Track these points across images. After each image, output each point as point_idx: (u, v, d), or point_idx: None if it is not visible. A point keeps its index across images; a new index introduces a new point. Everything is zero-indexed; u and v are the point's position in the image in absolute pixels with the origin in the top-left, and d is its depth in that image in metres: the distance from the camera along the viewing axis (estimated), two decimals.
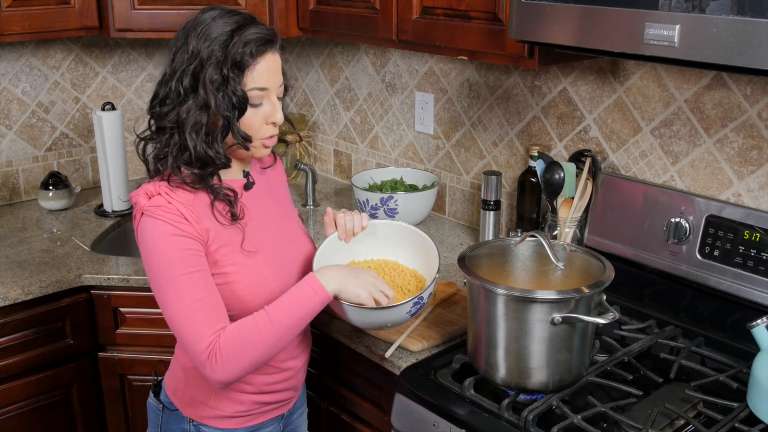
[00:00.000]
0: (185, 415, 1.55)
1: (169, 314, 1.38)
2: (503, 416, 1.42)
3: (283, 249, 1.56)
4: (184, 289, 1.36)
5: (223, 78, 1.37)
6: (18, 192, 2.65)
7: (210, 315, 1.37)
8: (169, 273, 1.37)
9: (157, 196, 1.39)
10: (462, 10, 1.82)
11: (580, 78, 2.02)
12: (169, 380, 1.60)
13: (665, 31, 1.31)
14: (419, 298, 1.48)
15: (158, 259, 1.37)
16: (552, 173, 1.93)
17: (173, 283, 1.37)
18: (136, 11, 2.29)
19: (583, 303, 1.39)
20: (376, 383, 1.74)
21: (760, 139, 1.70)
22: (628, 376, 1.55)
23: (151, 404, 1.63)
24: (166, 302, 1.38)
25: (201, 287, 1.38)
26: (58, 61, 2.64)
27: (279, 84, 1.45)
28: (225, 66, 1.37)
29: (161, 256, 1.37)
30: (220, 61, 1.37)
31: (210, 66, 1.37)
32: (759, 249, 1.62)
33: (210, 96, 1.37)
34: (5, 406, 2.05)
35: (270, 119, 1.44)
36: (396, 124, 2.60)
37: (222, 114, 1.38)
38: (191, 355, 1.38)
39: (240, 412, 1.55)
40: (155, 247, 1.38)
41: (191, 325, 1.36)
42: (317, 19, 2.26)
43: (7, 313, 1.99)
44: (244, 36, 1.38)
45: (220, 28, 1.39)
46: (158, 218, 1.37)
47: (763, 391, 1.36)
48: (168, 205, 1.38)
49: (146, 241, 1.39)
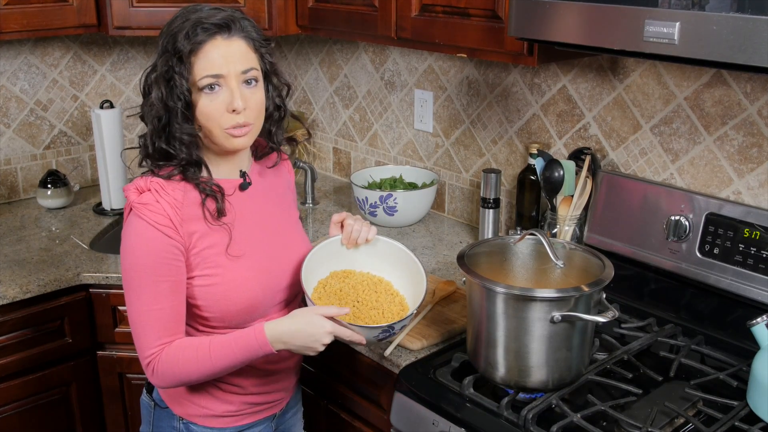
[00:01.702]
0: (175, 413, 1.55)
1: (128, 313, 1.43)
2: (503, 415, 1.42)
3: (273, 254, 1.53)
4: (147, 297, 1.39)
5: (168, 70, 1.38)
6: (16, 190, 2.65)
7: (161, 327, 1.41)
8: (138, 277, 1.39)
9: (147, 193, 1.40)
10: (461, 7, 1.81)
11: (580, 75, 2.01)
12: None
13: (665, 29, 1.31)
14: (390, 327, 1.45)
15: (132, 260, 1.39)
16: (551, 171, 1.93)
17: (139, 287, 1.39)
18: (135, 9, 2.28)
19: (582, 301, 1.39)
20: (375, 382, 1.74)
21: (760, 137, 1.70)
22: (628, 375, 1.55)
23: (144, 401, 1.64)
24: (129, 302, 1.42)
25: (163, 297, 1.40)
26: (57, 59, 2.64)
27: (240, 70, 1.40)
28: (171, 59, 1.38)
29: (135, 258, 1.39)
30: (169, 53, 1.38)
31: (162, 58, 1.40)
32: (759, 247, 1.62)
33: (160, 89, 1.39)
34: (4, 405, 2.05)
35: (230, 107, 1.39)
36: (395, 122, 2.59)
37: (167, 104, 1.39)
38: (139, 356, 1.43)
39: (229, 411, 1.55)
40: (133, 247, 1.39)
41: (143, 332, 1.41)
42: (316, 17, 2.25)
43: (5, 312, 1.99)
44: (189, 25, 1.38)
45: (178, 22, 1.40)
46: (143, 218, 1.38)
47: (762, 390, 1.36)
48: (155, 204, 1.39)
49: (127, 238, 1.40)
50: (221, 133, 1.42)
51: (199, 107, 1.40)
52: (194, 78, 1.38)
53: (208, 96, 1.39)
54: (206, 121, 1.41)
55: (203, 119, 1.41)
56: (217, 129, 1.41)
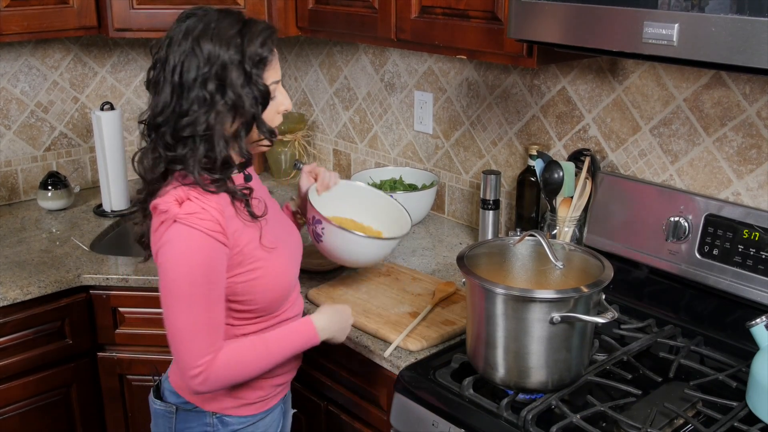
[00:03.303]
0: (206, 410, 1.56)
1: (173, 324, 1.40)
2: (502, 416, 1.42)
3: (290, 241, 1.62)
4: (199, 308, 1.38)
5: (246, 76, 1.39)
6: (17, 192, 2.65)
7: (211, 336, 1.41)
8: (190, 287, 1.37)
9: (188, 202, 1.38)
10: (461, 9, 1.81)
11: (579, 77, 2.01)
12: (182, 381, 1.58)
13: (664, 30, 1.31)
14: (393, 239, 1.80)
15: (184, 271, 1.37)
16: (551, 172, 1.93)
17: (190, 296, 1.38)
18: (135, 11, 2.29)
19: (582, 302, 1.39)
20: (375, 383, 1.74)
21: (759, 138, 1.70)
22: (628, 376, 1.55)
23: (158, 409, 1.61)
24: (176, 313, 1.39)
25: (213, 306, 1.40)
26: (57, 61, 2.64)
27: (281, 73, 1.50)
28: (247, 64, 1.39)
29: (189, 268, 1.37)
30: (241, 61, 1.39)
31: (233, 66, 1.38)
32: (758, 248, 1.62)
33: (239, 95, 1.39)
34: (5, 406, 2.05)
35: (281, 108, 1.49)
36: (395, 124, 2.59)
37: (249, 111, 1.41)
38: (181, 368, 1.42)
39: (261, 397, 1.59)
40: (185, 257, 1.37)
41: (192, 342, 1.40)
42: (316, 19, 2.25)
43: (6, 314, 1.99)
44: (254, 33, 1.41)
45: (227, 29, 1.40)
46: (194, 227, 1.36)
47: (762, 390, 1.36)
48: (203, 212, 1.37)
49: (175, 250, 1.37)
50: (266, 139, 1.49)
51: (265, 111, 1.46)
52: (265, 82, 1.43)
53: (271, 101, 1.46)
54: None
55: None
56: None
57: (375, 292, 1.90)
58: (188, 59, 1.38)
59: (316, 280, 1.98)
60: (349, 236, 1.73)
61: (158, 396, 1.62)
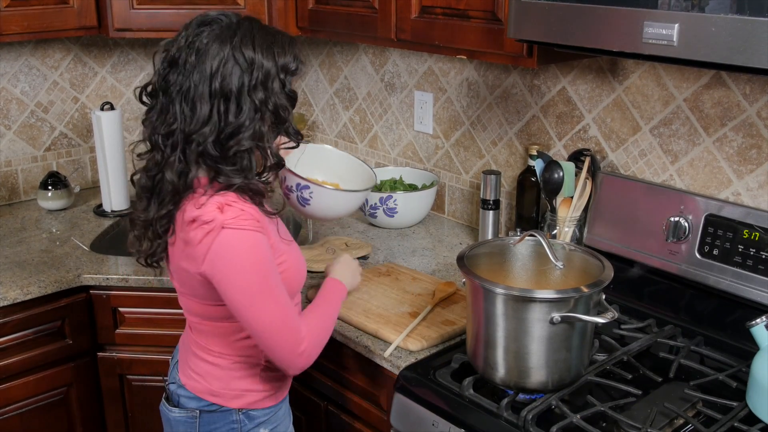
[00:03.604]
0: (232, 408, 1.58)
1: (264, 319, 1.42)
2: (502, 416, 1.42)
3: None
4: (280, 296, 1.43)
5: (282, 84, 1.43)
6: (17, 192, 2.65)
7: (297, 315, 1.50)
8: (266, 281, 1.41)
9: (228, 207, 1.38)
10: (461, 9, 1.81)
11: (579, 77, 2.01)
12: (203, 385, 1.58)
13: (664, 30, 1.31)
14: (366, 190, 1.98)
15: (253, 270, 1.39)
16: (551, 172, 1.93)
17: (271, 289, 1.42)
18: (135, 11, 2.29)
19: (582, 302, 1.39)
20: (375, 383, 1.74)
21: (760, 138, 1.70)
22: (628, 376, 1.55)
23: (177, 417, 1.60)
24: (263, 309, 1.41)
25: (284, 290, 1.46)
26: (57, 61, 2.64)
27: None
28: (282, 73, 1.42)
29: (256, 266, 1.40)
30: (278, 70, 1.42)
31: (274, 75, 1.41)
32: (758, 248, 1.62)
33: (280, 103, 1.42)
34: (5, 406, 2.05)
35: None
36: (395, 124, 2.59)
37: (287, 117, 1.45)
38: (283, 355, 1.46)
39: (280, 386, 1.64)
40: (249, 258, 1.39)
41: (289, 326, 1.45)
42: (316, 19, 2.25)
43: (6, 314, 1.99)
44: (283, 43, 1.44)
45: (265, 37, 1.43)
46: (244, 229, 1.38)
47: (762, 390, 1.36)
48: (244, 213, 1.39)
49: (236, 255, 1.38)
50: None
51: None
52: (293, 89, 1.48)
53: None
54: None
55: None
56: None
57: (375, 292, 1.90)
58: (226, 67, 1.37)
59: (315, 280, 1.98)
60: (340, 194, 1.91)
61: (176, 404, 1.61)
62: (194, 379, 1.60)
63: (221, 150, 1.39)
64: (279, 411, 1.65)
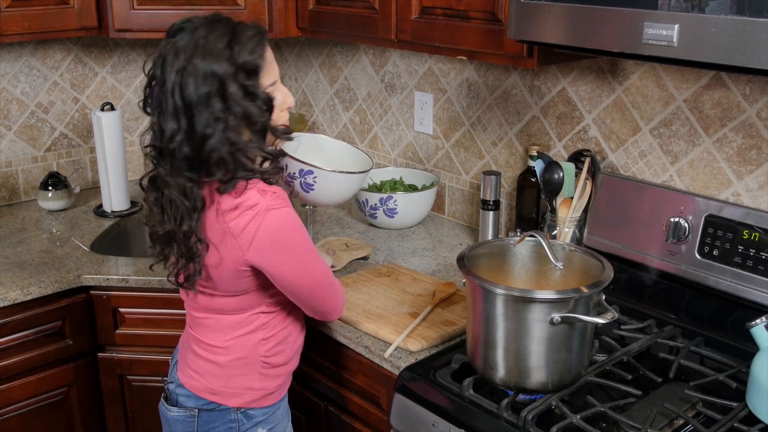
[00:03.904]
0: (231, 406, 1.59)
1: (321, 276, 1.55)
2: (502, 416, 1.42)
3: None
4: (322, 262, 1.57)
5: (243, 88, 1.40)
6: (17, 192, 2.65)
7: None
8: (312, 248, 1.53)
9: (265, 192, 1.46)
10: (461, 9, 1.82)
11: (579, 78, 2.02)
12: (202, 383, 1.59)
13: (664, 31, 1.31)
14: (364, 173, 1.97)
15: (301, 239, 1.50)
16: (551, 173, 1.93)
17: (314, 250, 1.54)
18: (135, 11, 2.29)
19: (582, 303, 1.39)
20: (375, 383, 1.74)
21: (759, 139, 1.70)
22: (628, 376, 1.55)
23: (176, 416, 1.62)
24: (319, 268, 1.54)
25: None
26: (58, 62, 2.64)
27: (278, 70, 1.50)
28: (240, 77, 1.39)
29: (302, 234, 1.50)
30: (235, 74, 1.38)
31: (230, 81, 1.38)
32: (758, 248, 1.62)
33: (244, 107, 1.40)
34: (5, 407, 2.05)
35: (284, 106, 1.51)
36: (395, 124, 2.60)
37: (260, 120, 1.43)
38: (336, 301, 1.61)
39: (279, 385, 1.65)
40: (296, 230, 1.49)
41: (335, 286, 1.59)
42: (316, 19, 2.25)
43: (6, 314, 1.99)
44: (242, 41, 1.40)
45: (216, 42, 1.39)
46: (284, 207, 1.47)
47: (762, 391, 1.36)
48: (280, 192, 1.48)
49: (287, 228, 1.47)
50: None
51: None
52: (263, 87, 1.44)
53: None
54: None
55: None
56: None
57: (375, 292, 1.90)
58: (185, 79, 1.37)
59: None
60: (343, 177, 1.92)
61: (175, 403, 1.62)
62: (193, 378, 1.60)
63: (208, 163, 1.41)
64: (277, 411, 1.66)
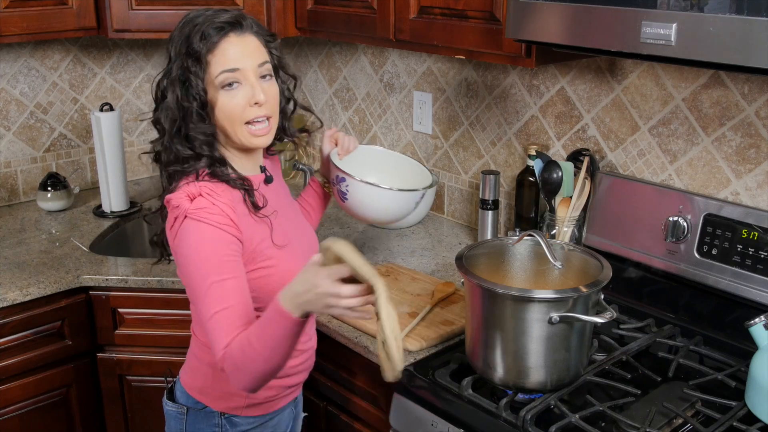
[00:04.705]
0: (215, 410, 1.56)
1: (200, 318, 1.38)
2: (501, 416, 1.42)
3: (305, 240, 1.60)
4: (213, 298, 1.35)
5: (183, 71, 1.39)
6: (17, 193, 2.65)
7: (229, 325, 1.34)
8: (203, 280, 1.36)
9: (200, 197, 1.37)
10: (459, 9, 1.82)
11: (578, 77, 2.01)
12: (193, 380, 1.58)
13: (662, 30, 1.31)
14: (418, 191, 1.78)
15: (195, 265, 1.36)
16: (550, 172, 1.93)
17: (205, 290, 1.36)
18: (134, 12, 2.29)
19: (580, 302, 1.39)
20: (374, 383, 1.74)
21: (758, 138, 1.70)
22: (627, 375, 1.55)
23: (170, 411, 1.61)
24: (198, 306, 1.38)
25: (230, 295, 1.36)
26: (56, 62, 2.64)
27: (256, 64, 1.42)
28: (186, 60, 1.39)
29: (198, 262, 1.36)
30: (183, 55, 1.39)
31: (175, 63, 1.40)
32: (757, 247, 1.62)
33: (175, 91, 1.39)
34: (4, 407, 2.05)
35: (252, 100, 1.41)
36: (394, 124, 2.60)
37: (182, 106, 1.40)
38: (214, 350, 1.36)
39: (269, 397, 1.58)
40: (196, 251, 1.36)
41: (214, 334, 1.35)
42: (315, 19, 2.25)
43: (5, 315, 1.99)
44: (201, 26, 1.40)
45: (188, 27, 1.41)
46: (203, 221, 1.36)
47: (761, 390, 1.36)
48: (213, 207, 1.37)
49: (187, 245, 1.37)
50: (243, 132, 1.44)
51: (219, 106, 1.42)
52: (211, 76, 1.40)
53: (228, 93, 1.41)
54: (227, 119, 1.42)
55: (223, 118, 1.42)
56: (239, 126, 1.43)
57: None
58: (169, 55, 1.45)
59: None
60: (373, 189, 1.70)
61: (171, 398, 1.62)
62: (187, 374, 1.60)
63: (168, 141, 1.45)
64: (269, 422, 1.61)
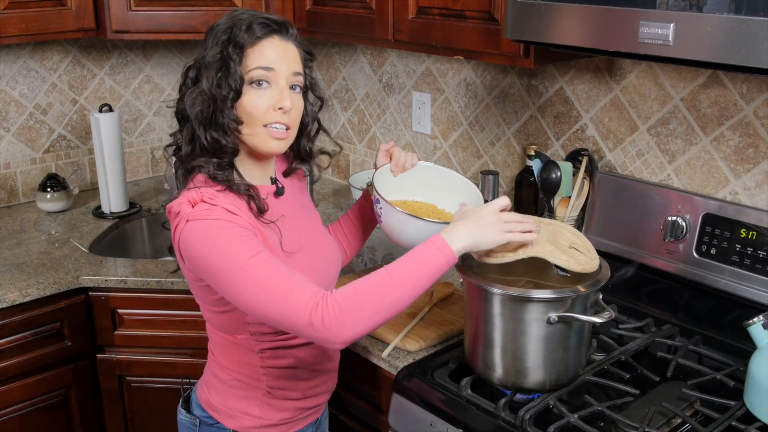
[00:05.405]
0: (227, 427, 1.52)
1: (253, 302, 1.28)
2: (500, 416, 1.42)
3: (318, 251, 1.54)
4: (257, 271, 1.27)
5: (222, 57, 1.37)
6: (16, 194, 2.65)
7: (295, 280, 1.28)
8: (236, 264, 1.27)
9: (201, 203, 1.33)
10: (458, 9, 1.82)
11: (577, 77, 2.02)
12: (205, 394, 1.56)
13: (660, 30, 1.31)
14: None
15: (218, 256, 1.29)
16: (549, 172, 1.93)
17: (243, 271, 1.27)
18: (133, 13, 2.29)
19: (579, 302, 1.39)
20: (373, 383, 1.74)
21: (756, 137, 1.70)
22: (625, 375, 1.55)
23: (183, 420, 1.59)
24: (246, 293, 1.28)
25: (273, 263, 1.29)
26: (56, 63, 2.65)
27: (291, 71, 1.41)
28: (227, 47, 1.37)
29: (220, 251, 1.29)
30: (223, 42, 1.37)
31: (211, 50, 1.38)
32: (756, 247, 1.62)
33: (211, 76, 1.36)
34: (4, 408, 2.05)
35: (277, 105, 1.38)
36: (393, 124, 2.60)
37: (217, 92, 1.36)
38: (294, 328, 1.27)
39: (284, 419, 1.54)
40: (212, 244, 1.29)
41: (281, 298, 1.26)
42: (314, 20, 2.26)
43: (5, 316, 1.99)
44: (248, 20, 1.38)
45: (233, 18, 1.40)
46: (205, 219, 1.31)
47: (760, 390, 1.36)
48: (213, 208, 1.32)
49: (199, 245, 1.31)
50: (261, 132, 1.40)
51: (243, 101, 1.38)
52: (245, 69, 1.37)
53: (255, 92, 1.38)
54: (247, 116, 1.38)
55: (244, 115, 1.39)
56: (259, 127, 1.39)
57: None
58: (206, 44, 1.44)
59: None
60: (404, 217, 1.57)
61: (185, 407, 1.60)
62: (202, 387, 1.58)
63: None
64: None
